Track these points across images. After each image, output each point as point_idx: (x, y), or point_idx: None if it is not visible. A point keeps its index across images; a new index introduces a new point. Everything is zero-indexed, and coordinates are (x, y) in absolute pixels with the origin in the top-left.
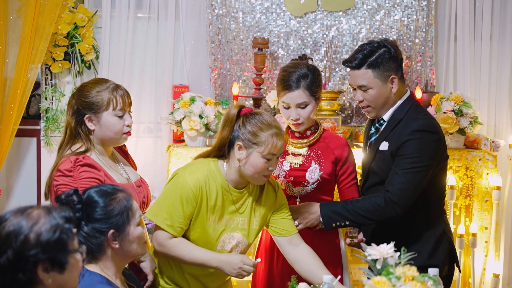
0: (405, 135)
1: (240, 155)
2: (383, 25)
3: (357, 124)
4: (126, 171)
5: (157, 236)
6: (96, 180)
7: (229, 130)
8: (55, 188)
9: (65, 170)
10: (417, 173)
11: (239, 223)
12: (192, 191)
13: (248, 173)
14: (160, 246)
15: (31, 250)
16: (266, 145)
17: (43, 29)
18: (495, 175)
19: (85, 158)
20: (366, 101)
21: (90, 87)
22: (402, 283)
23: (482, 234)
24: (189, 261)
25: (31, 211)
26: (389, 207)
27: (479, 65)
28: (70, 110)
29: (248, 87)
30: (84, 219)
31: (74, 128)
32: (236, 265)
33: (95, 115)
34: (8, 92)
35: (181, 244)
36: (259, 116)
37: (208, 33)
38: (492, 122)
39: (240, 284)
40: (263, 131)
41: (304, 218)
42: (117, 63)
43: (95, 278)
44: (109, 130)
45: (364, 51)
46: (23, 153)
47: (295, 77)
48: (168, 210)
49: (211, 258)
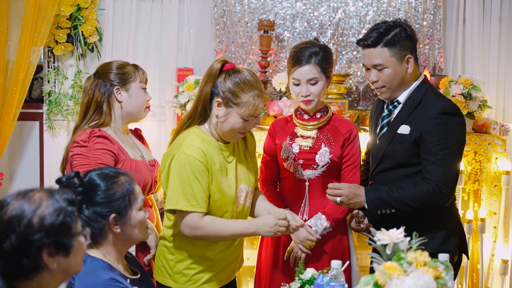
0: (429, 118)
1: (219, 111)
2: (390, 7)
3: (363, 108)
4: (140, 150)
5: (187, 222)
6: (109, 152)
7: (211, 85)
8: (70, 158)
9: (81, 141)
10: (453, 158)
11: (241, 174)
12: (200, 162)
13: (224, 130)
14: (195, 230)
15: (35, 234)
16: (247, 107)
17: (46, 11)
18: (504, 159)
19: (101, 130)
20: (381, 81)
21: (115, 63)
22: (414, 268)
23: (491, 220)
24: (227, 235)
25: (32, 194)
26: (437, 196)
27: (488, 47)
28: (94, 88)
29: (254, 70)
30: (85, 202)
31: (100, 102)
32: (272, 223)
33: (124, 86)
34: (10, 75)
35: (215, 221)
36: (241, 74)
37: (213, 15)
38: (501, 105)
39: (245, 270)
40: (244, 92)
41: (347, 197)
42: (121, 46)
43: (97, 263)
44: (136, 101)
45: (380, 29)
46: (25, 137)
47: (307, 53)
48: (186, 191)
49: (248, 225)
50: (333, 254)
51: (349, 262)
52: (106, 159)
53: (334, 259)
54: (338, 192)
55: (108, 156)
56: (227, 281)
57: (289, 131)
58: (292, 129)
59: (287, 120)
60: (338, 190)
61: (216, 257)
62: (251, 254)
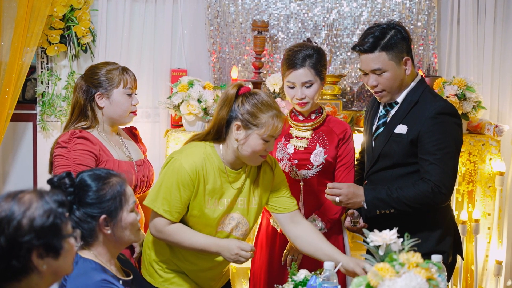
0: (427, 118)
1: (238, 135)
2: (384, 7)
3: (358, 108)
4: (129, 150)
5: (155, 222)
6: (90, 152)
7: (227, 109)
8: (53, 159)
9: (62, 142)
10: (451, 158)
11: (238, 203)
12: (188, 175)
13: (245, 153)
14: (159, 233)
15: (24, 236)
16: (267, 127)
17: (38, 11)
18: (499, 160)
19: (82, 132)
20: (381, 85)
21: (101, 66)
22: (406, 269)
23: (485, 220)
24: (188, 247)
25: (22, 195)
26: (437, 196)
27: (482, 48)
28: (79, 90)
29: (248, 71)
30: (76, 203)
31: (83, 106)
32: (233, 251)
33: (106, 92)
34: (3, 76)
35: (180, 230)
36: (259, 96)
37: (207, 16)
38: (496, 106)
39: (239, 271)
40: (263, 113)
41: (347, 197)
42: (114, 46)
43: (89, 265)
44: (118, 107)
45: (375, 34)
46: (19, 138)
47: (300, 56)
48: (165, 195)
49: (210, 244)
50: None
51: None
52: (86, 160)
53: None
54: (337, 192)
55: (87, 157)
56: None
57: (284, 131)
58: (287, 130)
59: None
60: (337, 190)
61: (191, 272)
62: None
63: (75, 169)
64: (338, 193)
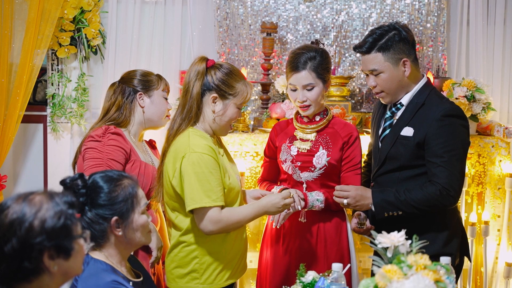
0: (433, 120)
1: (215, 106)
2: (394, 9)
3: (367, 110)
4: (151, 158)
5: (208, 218)
6: (122, 149)
7: (200, 84)
8: (84, 151)
9: (96, 135)
10: (458, 160)
11: (234, 167)
12: (211, 157)
13: (222, 123)
14: (217, 223)
15: (36, 237)
16: (241, 94)
17: (49, 14)
18: (508, 162)
19: (116, 128)
20: (379, 86)
21: (138, 70)
22: (414, 271)
23: (495, 222)
24: (245, 221)
25: (33, 197)
26: (445, 198)
27: (492, 50)
28: (118, 93)
29: (257, 72)
30: (88, 204)
31: (121, 106)
32: (279, 204)
33: (147, 93)
34: (14, 78)
35: (232, 210)
36: (227, 65)
37: (216, 18)
38: (506, 108)
39: (247, 272)
40: (237, 82)
41: (355, 199)
42: (124, 48)
43: (99, 265)
44: (157, 108)
45: (374, 35)
46: (29, 140)
47: (302, 58)
48: (204, 187)
49: (257, 209)
50: (333, 257)
51: (350, 265)
52: (118, 156)
53: (333, 262)
54: (345, 194)
55: (120, 153)
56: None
57: (289, 133)
58: (292, 132)
59: (288, 123)
60: (345, 192)
61: (231, 250)
62: (253, 257)
63: (107, 164)
64: (346, 195)
